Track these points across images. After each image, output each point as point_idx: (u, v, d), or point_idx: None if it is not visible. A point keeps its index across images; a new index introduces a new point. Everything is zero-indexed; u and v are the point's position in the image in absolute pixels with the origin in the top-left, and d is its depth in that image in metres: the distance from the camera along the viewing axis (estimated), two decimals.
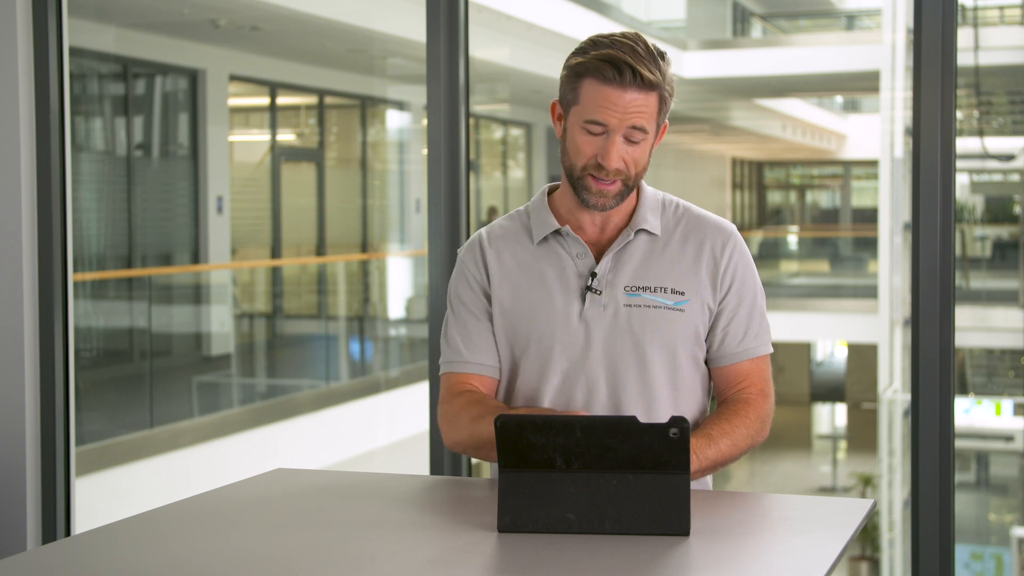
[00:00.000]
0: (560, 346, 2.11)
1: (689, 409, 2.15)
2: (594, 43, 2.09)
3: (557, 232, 2.16)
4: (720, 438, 2.06)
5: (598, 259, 2.14)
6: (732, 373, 2.16)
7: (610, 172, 2.06)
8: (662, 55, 2.08)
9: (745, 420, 2.10)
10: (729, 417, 2.10)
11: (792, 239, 21.82)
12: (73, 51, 3.77)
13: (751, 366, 2.16)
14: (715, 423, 2.09)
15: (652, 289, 2.11)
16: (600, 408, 2.11)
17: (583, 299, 2.11)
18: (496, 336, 2.17)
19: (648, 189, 2.19)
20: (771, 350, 2.19)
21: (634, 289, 2.11)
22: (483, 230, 2.23)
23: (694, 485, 2.09)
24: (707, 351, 2.16)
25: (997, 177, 19.37)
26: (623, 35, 2.08)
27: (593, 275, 2.11)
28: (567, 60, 2.13)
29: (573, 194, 2.14)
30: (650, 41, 2.10)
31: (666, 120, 2.14)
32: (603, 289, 2.11)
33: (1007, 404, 13.72)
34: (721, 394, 2.18)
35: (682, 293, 2.11)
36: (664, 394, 2.11)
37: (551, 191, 2.22)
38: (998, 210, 19.14)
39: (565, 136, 2.12)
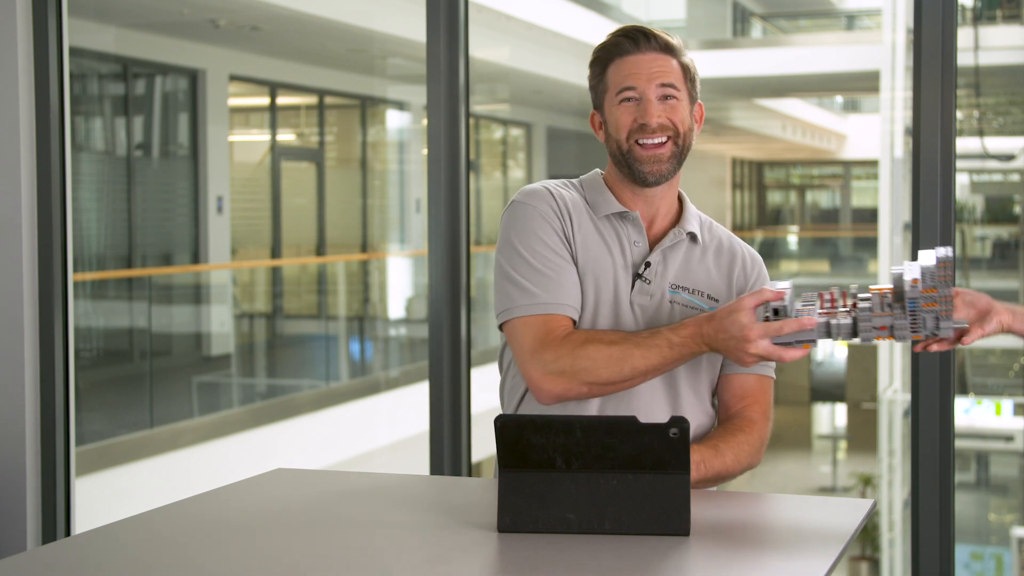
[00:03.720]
0: (610, 324, 2.12)
1: (704, 411, 2.18)
2: (607, 35, 2.18)
3: (619, 215, 2.17)
4: (726, 451, 2.09)
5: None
6: (739, 386, 2.18)
7: (654, 128, 2.09)
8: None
9: (749, 438, 2.13)
10: (735, 432, 2.13)
11: (792, 239, 21.82)
12: (73, 51, 3.77)
13: (757, 384, 2.19)
14: (722, 437, 2.12)
15: (691, 291, 2.15)
16: (632, 395, 2.11)
17: (632, 284, 2.13)
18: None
19: (690, 203, 2.24)
20: (774, 376, 2.22)
21: (677, 287, 2.15)
22: (548, 184, 2.19)
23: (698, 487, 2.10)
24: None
25: (997, 177, 19.37)
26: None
27: (647, 264, 2.14)
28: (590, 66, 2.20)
29: (626, 182, 2.16)
30: None
31: (699, 100, 2.19)
32: (653, 280, 2.13)
33: (1007, 404, 13.72)
34: (727, 409, 2.20)
35: (716, 300, 2.17)
36: (687, 393, 2.15)
37: (604, 174, 2.24)
38: (998, 210, 19.14)
39: (607, 127, 2.15)
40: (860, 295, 1.92)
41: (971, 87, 13.19)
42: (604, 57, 2.15)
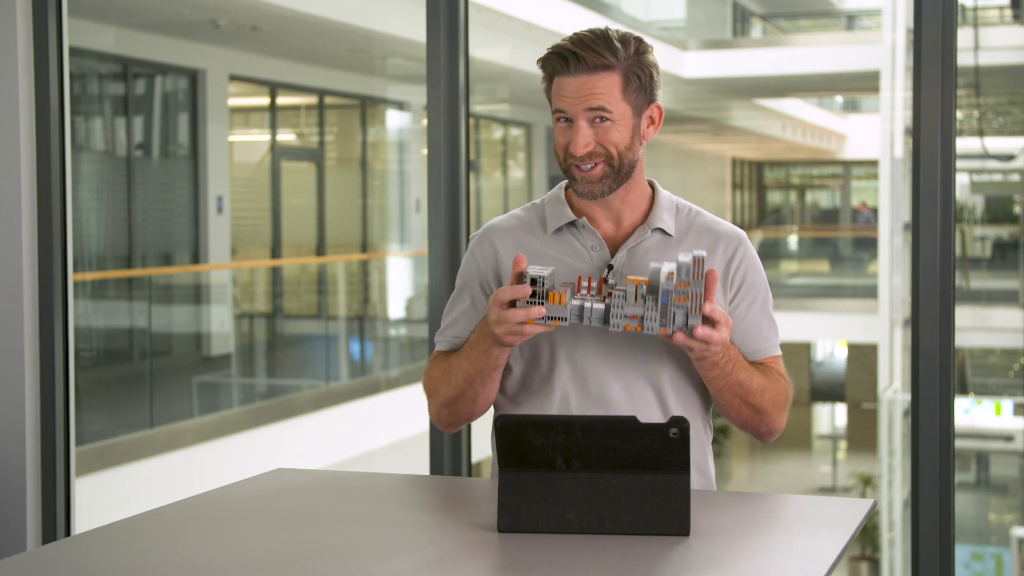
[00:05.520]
0: (574, 335, 2.12)
1: (694, 402, 2.16)
2: (549, 47, 2.16)
3: (572, 224, 2.17)
4: (756, 374, 2.12)
5: (612, 254, 2.15)
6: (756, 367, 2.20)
7: (582, 158, 2.09)
8: (624, 39, 2.10)
9: (780, 382, 2.17)
10: (765, 371, 2.16)
11: (792, 239, 21.82)
12: (73, 51, 3.77)
13: (772, 360, 2.21)
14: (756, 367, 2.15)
15: None
16: (612, 397, 2.11)
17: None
18: None
19: (663, 192, 2.22)
20: (780, 352, 2.23)
21: None
22: (496, 220, 2.25)
23: (696, 485, 2.10)
24: None
25: (997, 177, 19.38)
26: (582, 30, 2.14)
27: (610, 268, 2.13)
28: None
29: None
30: (619, 29, 2.14)
31: (656, 101, 2.14)
32: (617, 282, 2.12)
33: (1007, 404, 13.72)
34: None
35: None
36: (670, 388, 2.13)
37: (568, 186, 2.24)
38: (998, 210, 19.14)
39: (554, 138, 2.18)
40: (617, 286, 1.98)
41: (971, 87, 13.20)
42: (547, 70, 2.14)
